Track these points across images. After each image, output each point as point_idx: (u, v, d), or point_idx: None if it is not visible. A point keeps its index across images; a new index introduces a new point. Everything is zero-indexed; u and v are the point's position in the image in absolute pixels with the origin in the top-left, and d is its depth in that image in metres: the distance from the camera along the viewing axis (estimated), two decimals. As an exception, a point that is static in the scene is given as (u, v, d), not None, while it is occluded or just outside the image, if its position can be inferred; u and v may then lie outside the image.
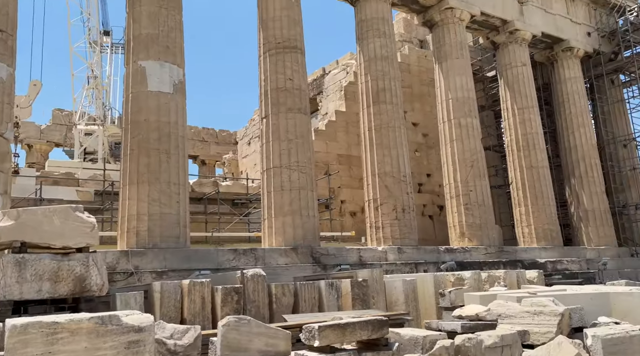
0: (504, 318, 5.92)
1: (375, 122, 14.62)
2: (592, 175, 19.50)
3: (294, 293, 7.19)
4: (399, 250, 13.53)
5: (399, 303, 7.91)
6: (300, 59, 13.14)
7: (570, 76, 20.50)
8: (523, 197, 17.91)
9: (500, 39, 19.13)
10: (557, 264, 15.92)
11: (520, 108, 18.52)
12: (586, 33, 21.24)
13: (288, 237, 11.87)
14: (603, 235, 18.88)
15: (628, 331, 5.08)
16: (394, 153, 14.38)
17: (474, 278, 8.69)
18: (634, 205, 20.16)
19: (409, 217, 14.10)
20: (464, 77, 16.78)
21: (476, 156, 16.22)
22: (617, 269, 17.22)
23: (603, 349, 4.80)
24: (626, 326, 5.32)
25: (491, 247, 15.46)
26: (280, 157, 12.33)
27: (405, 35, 21.95)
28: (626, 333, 5.09)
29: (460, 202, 15.91)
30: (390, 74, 14.91)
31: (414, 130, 20.30)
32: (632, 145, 21.08)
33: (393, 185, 14.15)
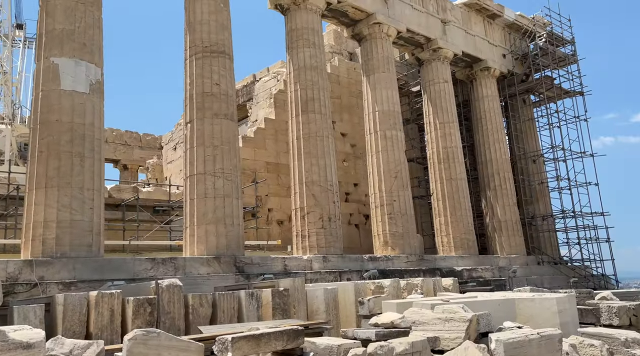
0: (417, 325, 6.09)
1: (303, 131, 14.69)
2: (506, 187, 20.83)
3: (212, 304, 6.98)
4: (324, 258, 13.62)
5: (320, 312, 7.92)
6: (228, 64, 12.94)
7: (487, 94, 21.85)
8: (443, 208, 18.74)
9: (425, 56, 20.01)
10: (473, 272, 16.77)
11: (442, 123, 19.43)
12: (502, 55, 22.79)
13: (211, 246, 11.56)
14: (514, 245, 20.19)
15: (527, 335, 5.41)
16: (322, 163, 14.51)
17: (393, 286, 8.92)
18: (541, 217, 21.75)
19: (335, 226, 14.26)
20: (390, 91, 17.34)
21: (400, 167, 16.77)
22: (525, 276, 18.45)
23: (505, 352, 5.07)
24: (526, 331, 5.66)
25: (412, 255, 16.00)
26: (204, 163, 12.02)
27: (335, 47, 22.35)
28: (525, 336, 5.42)
29: (385, 212, 16.35)
30: (319, 84, 15.08)
31: (343, 140, 20.64)
32: (540, 161, 22.79)
33: (320, 194, 14.26)
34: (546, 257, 21.01)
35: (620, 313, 7.64)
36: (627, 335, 6.37)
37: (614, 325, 7.63)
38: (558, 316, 7.41)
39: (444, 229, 18.60)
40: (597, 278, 20.23)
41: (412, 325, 6.13)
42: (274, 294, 7.38)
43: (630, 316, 7.72)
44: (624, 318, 7.66)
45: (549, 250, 21.62)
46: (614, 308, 7.68)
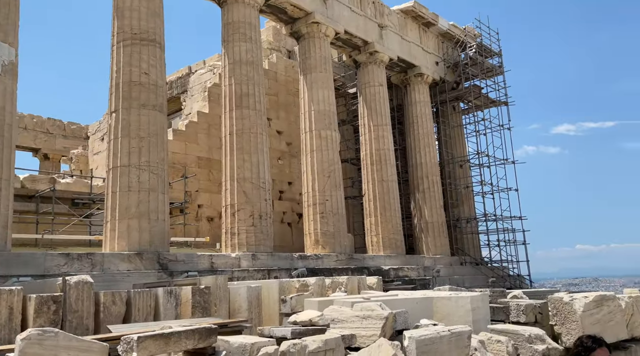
0: (337, 323, 6.14)
1: (237, 126, 14.45)
2: (434, 190, 21.64)
3: (127, 302, 6.65)
4: (254, 256, 13.47)
5: (242, 310, 7.79)
6: (159, 53, 12.46)
7: (420, 100, 22.59)
8: (374, 208, 19.15)
9: (362, 59, 20.35)
10: (399, 271, 17.26)
11: (376, 126, 19.85)
12: (435, 62, 23.65)
13: (133, 242, 11.07)
14: (439, 245, 21.02)
15: (439, 331, 5.60)
16: (255, 159, 14.34)
17: (318, 284, 8.95)
18: (466, 219, 22.81)
19: (265, 224, 14.14)
20: (326, 91, 17.47)
21: (334, 167, 16.93)
22: (448, 276, 19.26)
23: (417, 349, 5.21)
24: (439, 328, 5.86)
25: (342, 254, 16.21)
26: (129, 155, 11.49)
27: (274, 44, 22.21)
28: (437, 333, 5.61)
29: (317, 211, 16.44)
30: (254, 80, 14.89)
31: (278, 138, 20.54)
32: (467, 166, 23.90)
33: (252, 191, 14.08)
34: (469, 257, 22.05)
35: (527, 311, 8.12)
36: (531, 331, 6.77)
37: (521, 322, 8.10)
38: (471, 314, 7.77)
39: (374, 229, 19.01)
40: (514, 278, 21.51)
41: (331, 322, 6.17)
42: (195, 292, 7.16)
43: (535, 313, 8.22)
44: (530, 315, 8.15)
45: (472, 251, 22.71)
46: (522, 306, 8.15)
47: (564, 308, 7.87)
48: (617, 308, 8.17)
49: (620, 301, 8.53)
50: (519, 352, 6.45)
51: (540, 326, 8.28)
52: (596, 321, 7.89)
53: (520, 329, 6.89)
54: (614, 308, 8.11)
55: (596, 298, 7.94)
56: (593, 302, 7.88)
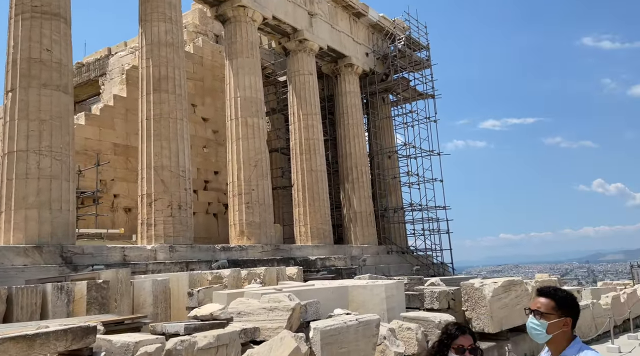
0: (242, 316, 5.81)
1: (154, 111, 13.63)
2: (362, 181, 21.77)
3: (7, 299, 5.94)
4: (171, 248, 12.80)
5: (147, 305, 7.26)
6: (64, 28, 11.40)
7: (350, 90, 22.59)
8: (302, 198, 18.94)
9: (291, 46, 19.97)
10: (326, 261, 17.19)
11: (305, 115, 19.60)
12: (365, 53, 23.73)
13: (31, 234, 10.10)
14: (367, 235, 21.22)
15: (346, 321, 5.43)
16: (174, 147, 13.60)
17: (233, 276, 8.57)
18: (393, 209, 23.19)
19: (185, 214, 13.48)
20: (253, 77, 16.94)
21: (260, 156, 16.49)
22: (375, 265, 19.49)
23: (321, 340, 5.00)
24: (347, 317, 5.70)
25: (268, 245, 15.86)
26: (27, 139, 10.45)
27: (200, 27, 21.28)
28: (344, 323, 5.43)
29: (242, 201, 15.96)
30: (174, 62, 14.10)
31: (204, 126, 19.76)
32: (395, 157, 24.29)
33: (170, 180, 13.36)
34: (395, 246, 22.46)
35: (440, 298, 8.20)
36: (441, 318, 6.80)
37: (435, 309, 8.18)
38: (385, 302, 7.71)
39: (302, 219, 18.81)
40: (437, 266, 22.19)
41: (237, 316, 5.84)
42: (90, 287, 6.55)
43: (449, 300, 8.34)
44: (443, 302, 8.24)
45: (398, 240, 23.16)
46: (435, 293, 8.23)
47: (475, 293, 8.02)
48: (524, 293, 8.46)
49: (527, 286, 8.85)
50: (429, 338, 6.44)
51: (452, 312, 8.40)
52: (504, 306, 8.13)
53: (431, 316, 6.90)
54: (521, 293, 8.39)
55: (504, 284, 8.16)
56: (501, 287, 8.09)
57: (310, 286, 7.50)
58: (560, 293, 2.36)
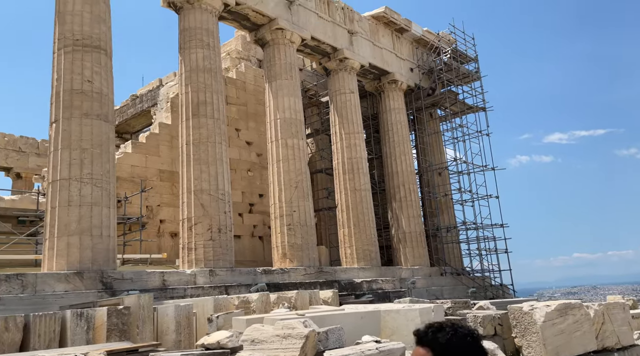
0: (256, 344, 5.44)
1: (194, 136, 13.80)
2: (411, 199, 21.00)
3: (25, 328, 5.92)
4: (211, 272, 12.72)
5: (170, 331, 7.06)
6: (104, 60, 11.84)
7: (395, 107, 22.08)
8: (347, 219, 18.47)
9: (332, 66, 19.86)
10: (373, 284, 16.52)
11: (347, 133, 19.27)
12: (409, 69, 23.22)
13: (73, 260, 10.31)
14: (417, 256, 20.31)
15: (364, 350, 4.92)
16: (213, 170, 13.67)
17: (262, 300, 8.24)
18: (445, 228, 22.15)
19: (225, 238, 13.41)
20: (292, 98, 16.90)
21: (301, 177, 16.28)
22: (426, 287, 18.54)
23: (333, 373, 4.52)
24: (367, 346, 5.19)
25: (311, 267, 15.47)
26: (70, 168, 10.79)
27: (243, 53, 21.70)
28: (362, 352, 4.93)
29: (284, 222, 15.75)
30: (212, 87, 14.29)
31: (248, 149, 19.91)
32: (445, 174, 23.32)
33: (210, 204, 13.38)
34: (449, 267, 21.34)
35: (484, 323, 7.44)
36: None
37: (479, 335, 7.42)
38: (421, 328, 7.07)
39: (347, 240, 18.31)
40: (496, 288, 20.81)
41: (251, 343, 5.48)
42: (111, 313, 6.44)
43: (495, 325, 7.55)
44: (488, 327, 7.47)
45: (452, 261, 22.02)
46: (479, 317, 7.47)
47: (524, 318, 7.20)
48: (584, 317, 7.51)
49: (588, 310, 7.87)
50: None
51: (500, 339, 7.61)
52: (560, 332, 7.23)
53: (470, 344, 6.21)
54: (581, 317, 7.44)
55: (559, 307, 7.28)
56: (556, 311, 7.22)
57: (339, 311, 7.02)
58: (445, 337, 1.69)
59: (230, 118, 19.56)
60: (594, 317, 7.60)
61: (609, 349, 7.96)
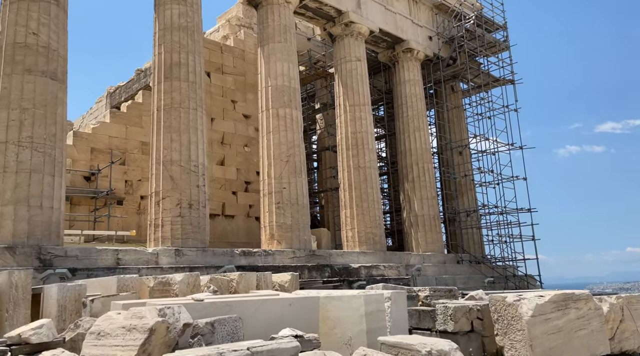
0: (100, 338, 3.92)
1: (165, 100, 12.42)
2: (425, 179, 19.01)
3: None
4: (178, 252, 11.35)
5: (52, 316, 5.66)
6: (55, 11, 10.56)
7: (410, 78, 20.03)
8: (349, 199, 16.74)
9: (337, 31, 18.03)
10: (373, 269, 14.79)
11: (352, 105, 17.46)
12: (428, 37, 21.04)
13: (5, 233, 9.16)
14: (431, 241, 18.35)
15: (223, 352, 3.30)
16: (185, 139, 12.25)
17: (187, 282, 6.72)
18: (465, 212, 20.04)
19: (196, 214, 12.00)
20: (286, 64, 15.23)
21: (293, 150, 14.65)
22: (436, 276, 16.62)
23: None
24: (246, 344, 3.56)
25: (301, 250, 13.89)
26: (7, 130, 9.62)
27: (244, 20, 20.16)
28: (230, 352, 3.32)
29: (272, 200, 14.23)
30: (189, 47, 12.83)
31: (245, 123, 18.46)
32: (467, 152, 21.12)
33: (180, 176, 11.99)
34: (467, 255, 19.27)
35: (456, 316, 5.64)
36: (434, 346, 4.32)
37: (449, 331, 5.63)
38: (365, 321, 5.37)
39: (349, 222, 16.59)
40: (519, 278, 18.59)
41: (96, 337, 3.96)
42: (-36, 291, 5.07)
43: (472, 319, 5.74)
44: (462, 321, 5.67)
45: (472, 248, 19.91)
46: (450, 308, 5.68)
47: (507, 311, 5.36)
48: (594, 312, 5.57)
49: (601, 303, 5.93)
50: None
51: (478, 336, 5.78)
52: (555, 330, 5.34)
53: (418, 343, 4.45)
54: (588, 312, 5.51)
55: (556, 299, 5.38)
56: (551, 304, 5.33)
57: (256, 297, 5.40)
58: None
59: (226, 88, 18.13)
60: (609, 313, 5.67)
61: (630, 353, 6.01)
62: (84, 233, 12.18)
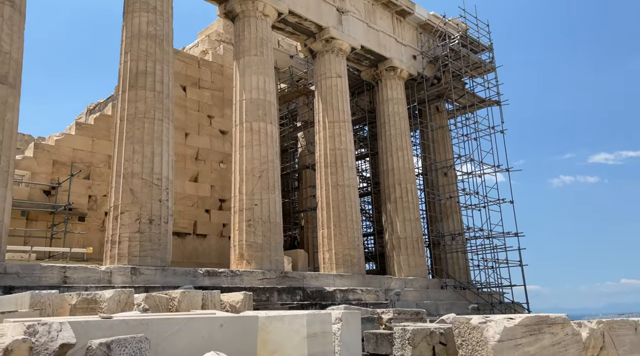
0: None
1: (129, 110, 11.80)
2: (408, 200, 18.36)
3: None
4: (134, 270, 10.52)
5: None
6: (9, 12, 10.01)
7: (393, 96, 19.63)
8: (327, 218, 16.02)
9: (317, 47, 17.66)
10: (349, 293, 13.95)
11: (332, 122, 16.93)
12: (412, 56, 20.75)
13: None
14: (414, 265, 17.57)
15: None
16: (149, 151, 11.58)
17: (118, 300, 5.94)
18: (450, 235, 19.34)
19: (157, 230, 11.22)
20: (262, 77, 14.73)
21: (267, 166, 14.00)
22: (417, 301, 15.79)
23: None
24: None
25: (272, 271, 13.07)
26: (-54, 134, 8.88)
27: (224, 36, 19.79)
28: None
29: (243, 218, 13.48)
30: (157, 56, 12.30)
31: (222, 139, 17.84)
32: (452, 174, 20.56)
33: (141, 189, 11.26)
34: (451, 280, 18.47)
35: (415, 340, 4.90)
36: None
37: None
38: (307, 345, 4.62)
39: (326, 243, 15.83)
40: (506, 305, 17.77)
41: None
42: None
43: (434, 344, 4.99)
44: (422, 346, 4.92)
45: (457, 273, 19.13)
46: (408, 331, 4.94)
47: (472, 335, 4.62)
48: (571, 338, 4.84)
49: (579, 329, 5.21)
50: None
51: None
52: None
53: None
54: (565, 338, 4.79)
55: (528, 322, 4.66)
56: (522, 327, 4.61)
57: (180, 316, 4.64)
58: None
59: (203, 103, 17.59)
60: (589, 339, 4.95)
61: (616, 388, 5.26)
62: (34, 250, 11.34)
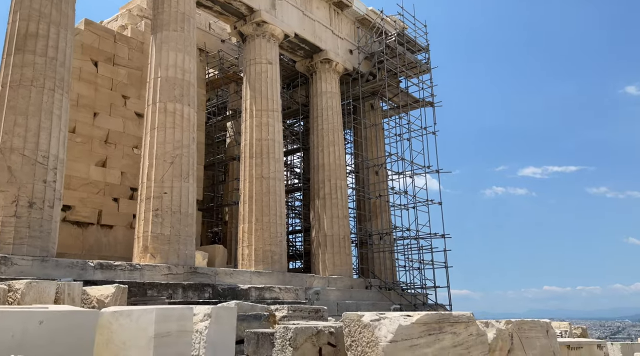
0: None
1: (13, 76, 10.20)
2: (337, 197, 17.66)
3: None
4: (4, 260, 8.98)
5: None
6: None
7: (327, 90, 18.90)
8: (249, 212, 14.95)
9: (248, 31, 16.59)
10: (266, 292, 12.94)
11: (260, 110, 15.89)
12: (348, 50, 20.15)
13: None
14: (339, 264, 16.86)
15: None
16: (34, 124, 10.03)
17: None
18: (378, 234, 18.83)
19: (39, 215, 9.71)
20: (181, 55, 13.45)
21: (181, 151, 12.72)
22: (339, 301, 15.07)
23: None
24: None
25: (179, 266, 11.82)
26: None
27: (147, 12, 18.20)
28: None
29: (150, 207, 12.13)
30: (52, 18, 10.76)
31: (138, 122, 16.29)
32: (383, 172, 20.12)
33: (21, 168, 9.71)
34: (377, 280, 17.94)
35: (297, 341, 3.99)
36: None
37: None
38: (152, 346, 3.60)
39: (246, 238, 14.75)
40: (430, 306, 17.46)
41: None
42: None
43: (321, 345, 4.11)
44: (305, 348, 4.02)
45: (384, 274, 18.64)
46: (290, 330, 4.02)
47: (362, 335, 3.74)
48: (475, 339, 4.06)
49: (486, 329, 4.51)
50: None
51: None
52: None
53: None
54: (468, 339, 4.00)
55: (427, 320, 3.81)
56: (420, 326, 3.76)
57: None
58: None
59: (117, 82, 16.00)
60: (495, 340, 4.25)
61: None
62: None
